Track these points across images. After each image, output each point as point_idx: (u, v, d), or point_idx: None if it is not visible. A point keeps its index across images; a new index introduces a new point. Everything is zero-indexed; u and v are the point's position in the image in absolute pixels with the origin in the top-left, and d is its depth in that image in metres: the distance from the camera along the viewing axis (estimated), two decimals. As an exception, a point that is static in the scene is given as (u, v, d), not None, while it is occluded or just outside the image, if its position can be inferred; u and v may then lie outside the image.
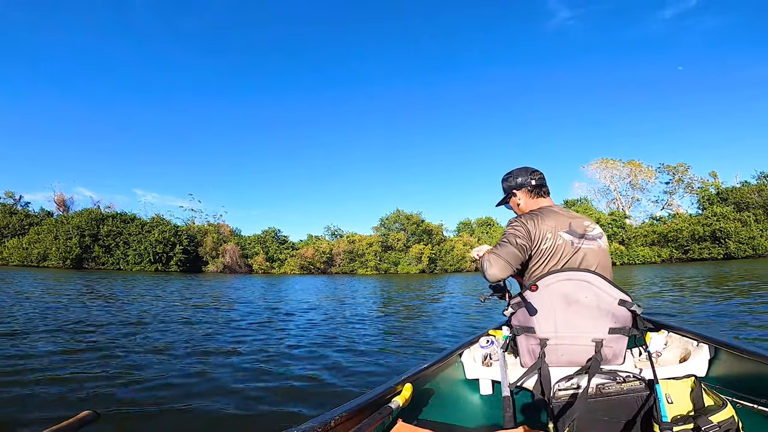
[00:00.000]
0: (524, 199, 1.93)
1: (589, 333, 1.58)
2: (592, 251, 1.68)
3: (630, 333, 1.59)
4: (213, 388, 3.12)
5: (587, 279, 1.58)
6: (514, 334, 1.73)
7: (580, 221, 1.75)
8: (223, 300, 10.60)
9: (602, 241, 1.74)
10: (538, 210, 1.81)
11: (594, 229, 1.75)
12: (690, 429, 1.27)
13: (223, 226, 47.16)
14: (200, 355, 4.23)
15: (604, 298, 1.57)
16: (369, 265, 39.98)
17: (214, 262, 41.00)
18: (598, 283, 1.58)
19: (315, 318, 7.26)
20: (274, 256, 43.43)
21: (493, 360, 1.94)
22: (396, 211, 43.14)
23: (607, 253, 1.75)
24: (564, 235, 1.68)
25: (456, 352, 2.00)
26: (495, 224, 47.37)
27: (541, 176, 1.95)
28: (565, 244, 1.67)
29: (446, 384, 1.89)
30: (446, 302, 10.02)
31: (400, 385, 1.55)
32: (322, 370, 3.63)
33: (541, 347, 1.62)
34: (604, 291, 1.58)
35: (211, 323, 6.40)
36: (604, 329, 1.57)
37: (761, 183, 36.47)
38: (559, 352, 1.62)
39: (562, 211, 1.80)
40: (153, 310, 7.72)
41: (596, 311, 1.57)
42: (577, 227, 1.71)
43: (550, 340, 1.61)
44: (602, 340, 1.57)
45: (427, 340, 5.03)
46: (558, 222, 1.71)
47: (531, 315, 1.63)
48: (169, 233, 39.22)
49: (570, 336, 1.59)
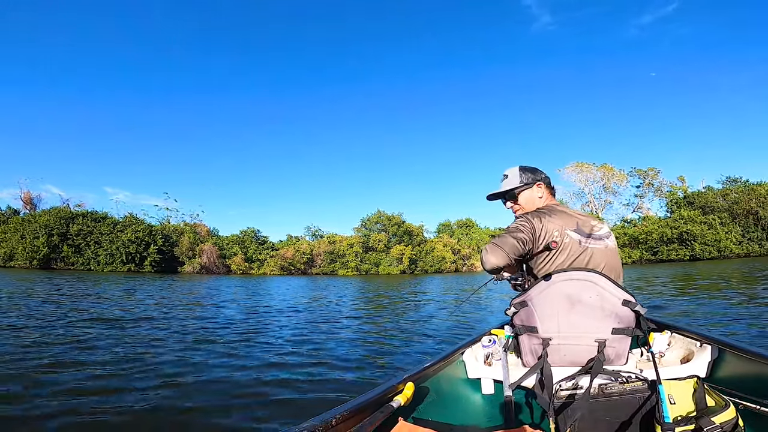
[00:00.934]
0: (546, 194, 1.90)
1: (593, 333, 1.56)
2: (599, 251, 1.66)
3: (633, 333, 1.57)
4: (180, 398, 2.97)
5: (591, 279, 1.56)
6: (516, 333, 1.72)
7: (588, 220, 1.73)
8: (202, 301, 10.40)
9: (610, 240, 1.72)
10: (546, 208, 1.78)
11: (601, 228, 1.73)
12: (692, 430, 1.27)
13: (200, 225, 46.13)
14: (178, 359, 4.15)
15: (607, 298, 1.56)
16: (350, 266, 39.85)
17: (190, 263, 40.03)
18: (602, 283, 1.56)
19: (296, 319, 7.22)
20: (254, 257, 42.75)
21: (494, 359, 1.93)
22: (377, 212, 43.21)
23: (615, 253, 1.73)
24: (571, 233, 1.66)
25: (458, 351, 1.99)
26: (474, 225, 48.06)
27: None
28: (572, 243, 1.65)
29: (448, 383, 1.88)
30: (432, 303, 10.13)
31: (401, 383, 1.54)
32: (305, 376, 3.52)
33: (544, 347, 1.60)
34: (607, 291, 1.56)
35: (186, 325, 6.29)
36: (607, 329, 1.56)
37: (726, 187, 38.27)
38: (561, 352, 1.60)
39: (569, 210, 1.78)
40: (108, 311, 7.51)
41: (600, 311, 1.56)
42: (584, 226, 1.69)
43: (553, 340, 1.60)
44: (605, 340, 1.56)
45: (412, 344, 4.90)
46: (566, 221, 1.69)
47: (534, 314, 1.62)
48: (142, 233, 38.05)
49: (573, 336, 1.58)
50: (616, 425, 1.45)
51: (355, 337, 5.39)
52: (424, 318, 7.16)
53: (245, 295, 12.62)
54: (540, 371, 1.56)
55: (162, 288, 15.00)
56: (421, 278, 27.09)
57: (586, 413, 1.43)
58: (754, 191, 35.28)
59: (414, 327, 6.17)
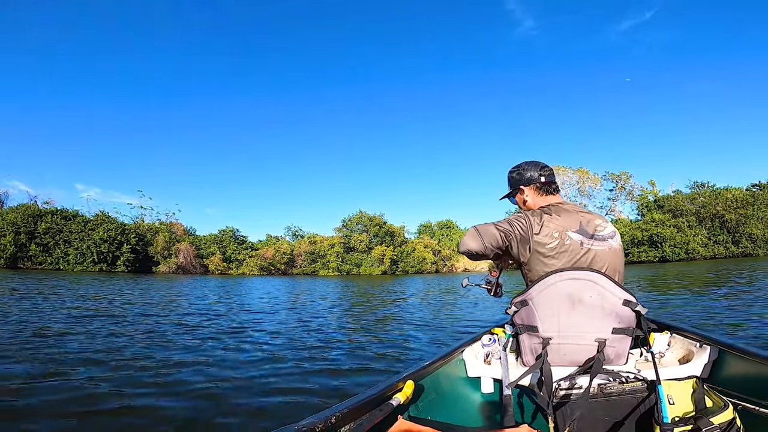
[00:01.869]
0: (532, 195, 1.85)
1: (593, 333, 1.54)
2: (602, 252, 1.62)
3: (633, 333, 1.55)
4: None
5: (592, 278, 1.54)
6: (516, 332, 1.70)
7: (592, 219, 1.68)
8: (177, 302, 10.15)
9: (614, 241, 1.67)
10: (548, 207, 1.74)
11: (605, 228, 1.67)
12: (690, 430, 1.27)
13: (175, 224, 44.98)
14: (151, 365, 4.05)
15: (608, 298, 1.53)
16: (331, 266, 39.67)
17: (166, 263, 39.01)
18: (603, 283, 1.53)
19: (277, 321, 7.15)
20: (232, 257, 42.02)
21: (494, 358, 1.92)
22: (359, 212, 43.20)
23: (619, 254, 1.68)
24: (573, 235, 1.62)
25: (458, 349, 1.98)
26: (454, 227, 48.63)
27: (551, 172, 1.86)
28: (573, 244, 1.61)
29: (447, 382, 1.87)
30: (415, 304, 10.20)
31: (401, 382, 1.53)
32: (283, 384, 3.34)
33: (544, 346, 1.59)
34: (608, 291, 1.53)
35: (155, 328, 6.14)
36: (607, 329, 1.54)
37: (694, 192, 39.99)
38: (561, 352, 1.59)
39: (573, 208, 1.72)
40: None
41: (600, 311, 1.54)
42: (587, 226, 1.65)
43: (553, 340, 1.58)
44: (605, 340, 1.54)
45: (394, 348, 4.67)
46: (568, 221, 1.64)
47: (534, 314, 1.60)
48: (115, 231, 36.82)
49: (573, 335, 1.56)
50: (615, 425, 1.45)
51: (340, 338, 5.36)
52: (410, 321, 7.19)
53: (224, 296, 12.38)
54: (540, 370, 1.54)
55: (130, 287, 14.56)
56: (403, 279, 27.21)
57: (585, 413, 1.42)
58: (721, 195, 36.97)
59: (402, 330, 6.19)
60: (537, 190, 1.84)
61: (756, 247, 34.44)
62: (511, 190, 1.92)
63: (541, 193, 1.83)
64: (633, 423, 1.44)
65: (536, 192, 1.84)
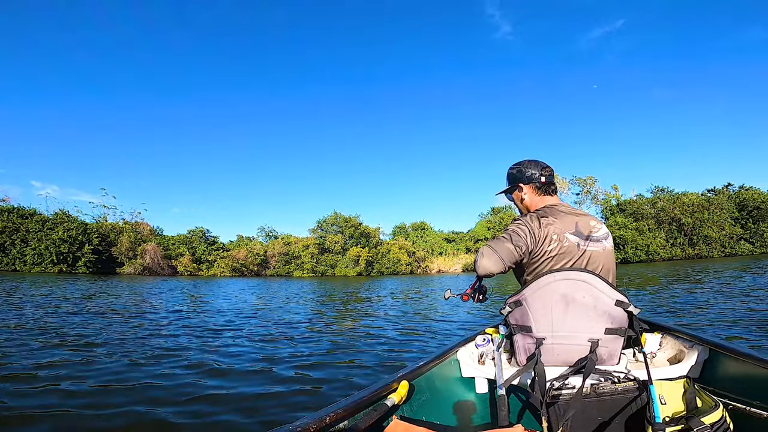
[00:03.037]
0: (530, 194, 1.86)
1: (586, 333, 1.56)
2: (597, 253, 1.65)
3: (626, 334, 1.57)
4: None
5: (585, 279, 1.55)
6: (510, 332, 1.71)
7: (587, 221, 1.70)
8: (143, 305, 9.78)
9: (607, 242, 1.70)
10: (544, 209, 1.76)
11: (600, 229, 1.70)
12: (682, 430, 1.28)
13: (141, 224, 43.25)
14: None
15: (601, 299, 1.55)
16: (305, 268, 39.14)
17: (131, 264, 37.40)
18: (596, 283, 1.55)
19: (251, 322, 7.02)
20: (202, 258, 40.77)
21: (488, 358, 1.93)
22: (334, 213, 42.83)
23: (612, 255, 1.71)
24: (570, 237, 1.64)
25: (452, 350, 1.99)
26: (428, 228, 49.05)
27: (551, 173, 1.86)
28: (570, 246, 1.63)
29: (442, 382, 1.88)
30: (395, 306, 10.23)
31: (396, 382, 1.54)
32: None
33: (537, 346, 1.60)
34: (601, 291, 1.55)
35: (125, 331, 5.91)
36: (600, 329, 1.55)
37: (655, 196, 42.07)
38: (555, 352, 1.60)
39: (568, 210, 1.75)
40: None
41: (593, 311, 1.55)
42: (583, 228, 1.67)
43: (547, 340, 1.59)
44: (598, 340, 1.55)
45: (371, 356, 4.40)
46: (564, 223, 1.67)
47: (528, 314, 1.61)
48: (76, 231, 34.98)
49: (566, 336, 1.57)
50: (607, 424, 1.47)
51: (321, 340, 5.33)
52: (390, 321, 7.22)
53: (194, 297, 12.02)
54: (533, 370, 1.55)
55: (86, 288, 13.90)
56: (379, 280, 27.24)
57: (579, 412, 1.44)
58: (679, 200, 39.07)
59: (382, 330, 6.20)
60: (536, 190, 1.85)
61: (711, 250, 36.62)
62: (510, 186, 1.93)
63: (539, 193, 1.85)
64: (625, 422, 1.46)
65: (535, 191, 1.85)
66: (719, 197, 39.24)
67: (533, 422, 1.67)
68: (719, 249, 36.62)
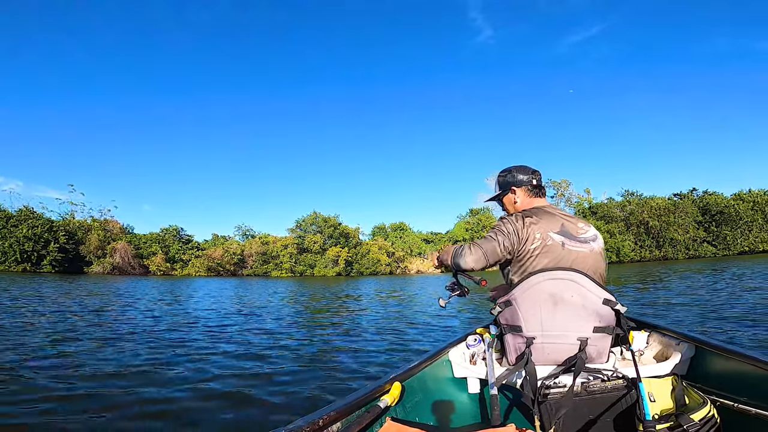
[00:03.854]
0: (522, 197, 1.90)
1: (575, 332, 1.57)
2: (583, 254, 1.65)
3: (614, 332, 1.59)
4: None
5: (573, 278, 1.57)
6: (501, 332, 1.72)
7: (574, 223, 1.73)
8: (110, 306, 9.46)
9: (596, 243, 1.70)
10: (531, 210, 1.79)
11: (587, 231, 1.72)
12: (672, 427, 1.29)
13: (111, 222, 41.79)
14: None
15: (589, 298, 1.57)
16: (284, 267, 38.74)
17: (100, 263, 36.08)
18: (584, 283, 1.57)
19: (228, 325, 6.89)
20: (176, 257, 39.72)
21: (480, 359, 1.94)
22: (313, 213, 42.57)
23: (600, 256, 1.71)
24: (554, 236, 1.66)
25: (444, 350, 2.00)
26: (407, 229, 49.36)
27: (540, 177, 1.91)
28: (554, 245, 1.64)
29: (434, 382, 1.89)
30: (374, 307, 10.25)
31: (388, 383, 1.54)
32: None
33: (528, 346, 1.61)
34: (589, 290, 1.57)
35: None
36: (589, 328, 1.57)
37: (624, 200, 43.70)
38: (545, 351, 1.61)
39: (556, 211, 1.78)
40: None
41: (582, 310, 1.57)
42: (570, 229, 1.69)
43: (537, 339, 1.61)
44: (587, 338, 1.57)
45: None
46: (550, 223, 1.69)
47: (518, 313, 1.63)
48: (41, 229, 33.52)
49: (556, 335, 1.59)
50: (598, 422, 1.48)
51: (301, 344, 5.29)
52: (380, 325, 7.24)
53: (174, 296, 11.72)
54: (524, 370, 1.56)
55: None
56: (359, 280, 27.21)
57: (570, 410, 1.45)
58: (647, 204, 40.75)
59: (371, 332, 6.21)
60: (528, 192, 1.89)
61: (676, 251, 38.35)
62: (501, 191, 1.97)
63: (530, 195, 1.89)
64: (616, 420, 1.47)
65: (527, 194, 1.90)
66: (684, 201, 41.10)
67: (525, 421, 1.69)
68: (684, 251, 38.38)
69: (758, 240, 36.89)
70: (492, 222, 44.73)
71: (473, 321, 6.43)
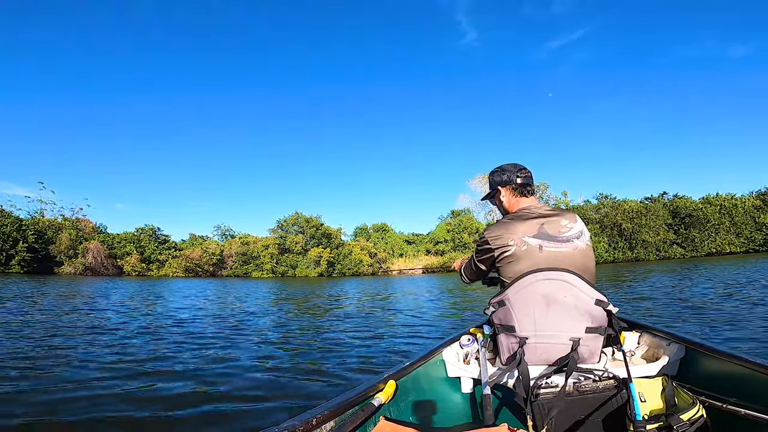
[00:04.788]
0: (507, 197, 1.90)
1: (567, 332, 1.59)
2: (564, 254, 1.65)
3: (606, 332, 1.60)
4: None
5: (566, 279, 1.58)
6: (494, 332, 1.73)
7: (557, 222, 1.71)
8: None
9: (580, 241, 1.69)
10: (513, 215, 1.80)
11: (571, 228, 1.70)
12: (662, 427, 1.30)
13: (83, 221, 40.37)
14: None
15: (581, 298, 1.58)
16: (265, 268, 38.22)
17: (71, 263, 34.81)
18: (576, 283, 1.58)
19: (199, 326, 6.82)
20: (152, 257, 38.68)
21: (473, 358, 1.96)
22: (295, 213, 42.15)
23: (585, 253, 1.69)
24: (530, 240, 1.66)
25: (437, 350, 2.01)
26: (390, 230, 49.48)
27: (528, 174, 1.89)
28: (529, 249, 1.65)
29: (428, 382, 1.90)
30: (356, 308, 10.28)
31: (382, 383, 1.54)
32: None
33: (520, 345, 1.62)
34: (581, 291, 1.58)
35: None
36: (581, 328, 1.58)
37: (599, 203, 45.01)
38: (538, 351, 1.62)
39: (540, 210, 1.77)
40: None
41: (574, 311, 1.58)
42: (550, 229, 1.68)
43: (530, 339, 1.62)
44: (579, 339, 1.58)
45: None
46: (526, 227, 1.69)
47: (511, 313, 1.64)
48: (9, 227, 32.14)
49: (549, 335, 1.60)
50: (590, 422, 1.50)
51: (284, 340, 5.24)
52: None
53: (147, 299, 11.44)
54: (517, 370, 1.57)
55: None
56: (341, 281, 27.14)
57: (562, 411, 1.46)
58: (620, 207, 42.08)
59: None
60: (512, 191, 1.88)
61: (648, 253, 39.73)
62: (491, 191, 1.98)
63: (515, 195, 1.88)
64: (607, 420, 1.49)
65: (511, 193, 1.89)
66: (655, 205, 42.59)
67: (518, 421, 1.70)
68: (655, 252, 39.82)
69: (725, 242, 38.55)
70: (473, 224, 45.37)
71: (448, 321, 6.53)
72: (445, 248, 42.58)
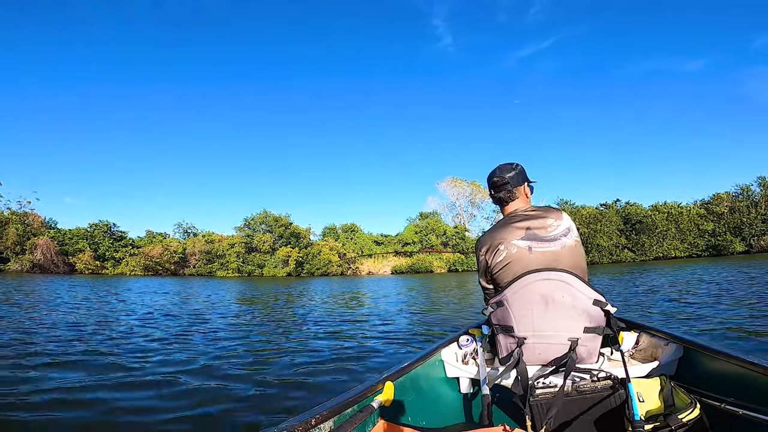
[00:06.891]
0: (500, 205, 1.91)
1: (566, 332, 1.58)
2: (553, 252, 1.65)
3: (604, 332, 1.60)
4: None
5: (564, 279, 1.58)
6: (493, 332, 1.74)
7: (542, 222, 1.71)
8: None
9: (568, 238, 1.68)
10: (501, 220, 1.83)
11: (558, 227, 1.69)
12: (660, 427, 1.30)
13: (31, 215, 37.79)
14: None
15: (579, 298, 1.58)
16: (230, 267, 37.27)
17: (18, 260, 32.56)
18: (574, 283, 1.58)
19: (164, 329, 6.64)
20: (107, 254, 36.77)
21: (472, 358, 1.96)
22: (263, 211, 41.34)
23: (574, 250, 1.67)
24: (518, 242, 1.67)
25: (436, 350, 2.00)
26: (358, 230, 49.53)
27: (495, 182, 1.85)
28: (519, 251, 1.66)
29: (427, 382, 1.90)
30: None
31: (381, 383, 1.53)
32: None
33: (519, 346, 1.62)
34: (579, 291, 1.58)
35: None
36: (579, 328, 1.58)
37: (560, 208, 46.98)
38: (536, 351, 1.62)
39: (526, 212, 1.77)
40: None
41: (572, 311, 1.58)
42: (536, 230, 1.69)
43: (528, 339, 1.61)
44: (578, 339, 1.58)
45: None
46: (513, 231, 1.70)
47: (509, 314, 1.64)
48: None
49: (547, 335, 1.60)
50: (588, 422, 1.50)
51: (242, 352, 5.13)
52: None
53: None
54: (516, 370, 1.57)
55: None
56: (310, 281, 26.94)
57: (561, 411, 1.46)
58: (578, 212, 44.29)
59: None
60: (495, 202, 1.93)
61: (602, 257, 42.03)
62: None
63: (503, 202, 1.87)
64: (606, 420, 1.49)
65: (497, 204, 1.93)
66: (609, 211, 45.10)
67: (517, 421, 1.70)
68: (608, 256, 42.19)
69: (671, 247, 41.47)
70: (441, 227, 46.33)
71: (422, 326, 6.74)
72: (413, 249, 43.15)
